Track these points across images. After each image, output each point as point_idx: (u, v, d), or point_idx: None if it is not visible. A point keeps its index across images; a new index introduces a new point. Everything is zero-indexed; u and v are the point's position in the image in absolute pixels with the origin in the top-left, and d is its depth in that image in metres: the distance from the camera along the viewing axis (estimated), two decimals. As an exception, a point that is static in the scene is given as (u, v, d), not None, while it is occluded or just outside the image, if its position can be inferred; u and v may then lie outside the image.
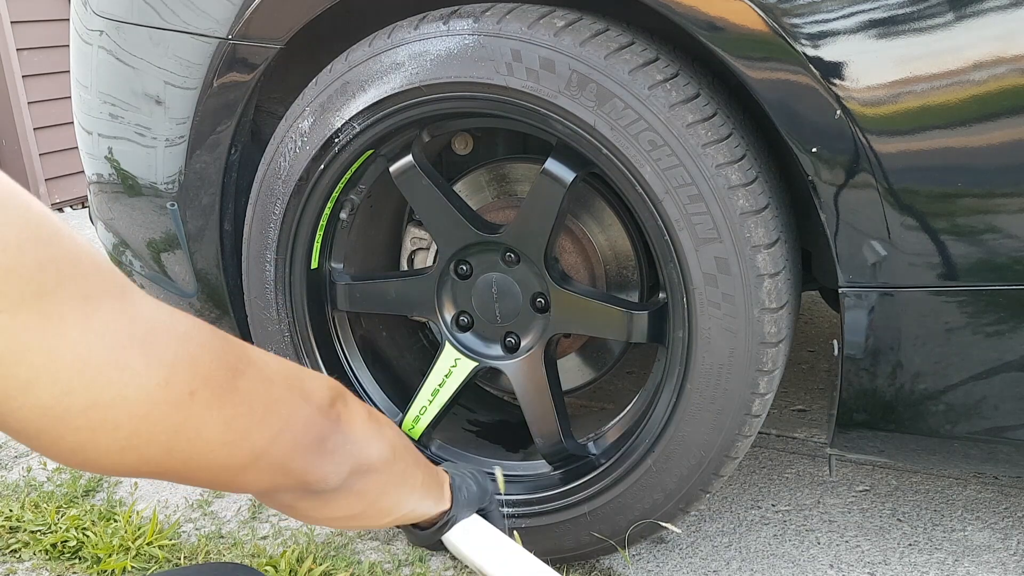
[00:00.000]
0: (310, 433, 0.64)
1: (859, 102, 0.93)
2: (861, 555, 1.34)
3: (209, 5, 1.26)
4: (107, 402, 0.48)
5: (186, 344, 0.53)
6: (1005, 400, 1.03)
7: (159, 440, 0.52)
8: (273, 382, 0.61)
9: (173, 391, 0.51)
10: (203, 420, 0.54)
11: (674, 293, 1.09)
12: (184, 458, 0.55)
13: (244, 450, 0.58)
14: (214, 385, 0.54)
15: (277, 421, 0.60)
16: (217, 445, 0.56)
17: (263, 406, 0.59)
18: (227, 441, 0.56)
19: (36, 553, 1.41)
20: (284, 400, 0.62)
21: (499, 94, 1.09)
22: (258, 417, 0.59)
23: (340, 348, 1.41)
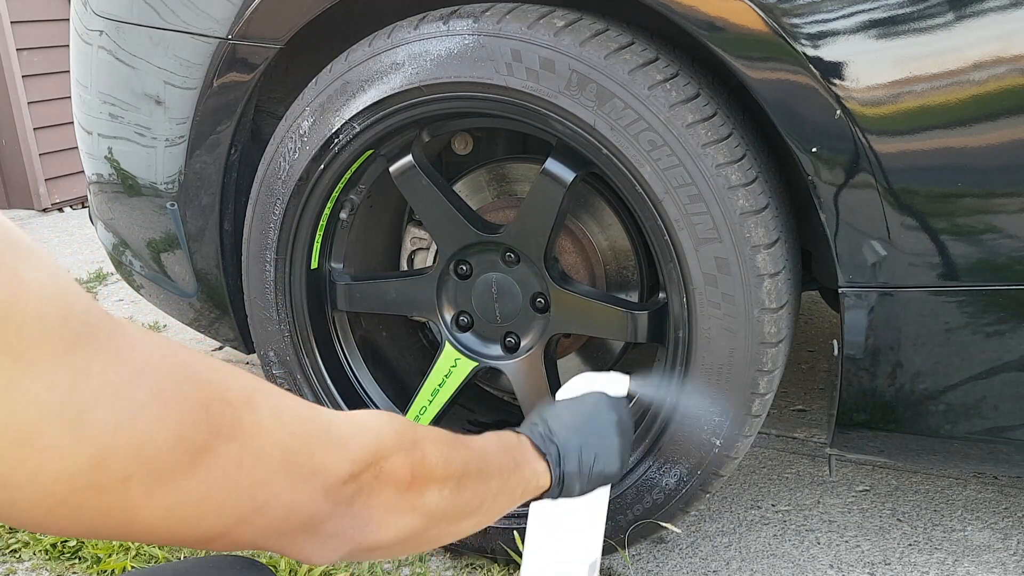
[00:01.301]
0: (295, 518, 0.55)
1: (859, 102, 0.93)
2: (861, 555, 1.34)
3: (209, 5, 1.26)
4: (16, 484, 0.41)
5: (138, 419, 0.44)
6: (1005, 400, 1.03)
7: (82, 520, 0.45)
8: (262, 458, 0.52)
9: (102, 476, 0.43)
10: (137, 507, 0.46)
11: (674, 293, 1.09)
12: (118, 535, 0.48)
13: (191, 536, 0.50)
14: (160, 470, 0.45)
15: (247, 505, 0.51)
16: (157, 529, 0.48)
17: (230, 490, 0.50)
18: (168, 527, 0.48)
19: (36, 553, 1.41)
20: (267, 483, 0.52)
21: (499, 94, 1.09)
22: (217, 504, 0.50)
23: (340, 348, 1.41)
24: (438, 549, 1.39)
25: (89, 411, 0.42)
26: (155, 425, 0.45)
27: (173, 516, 0.47)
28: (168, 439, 0.45)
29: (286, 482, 0.53)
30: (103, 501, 0.44)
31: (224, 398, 0.50)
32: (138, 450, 0.44)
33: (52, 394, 0.40)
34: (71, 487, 0.42)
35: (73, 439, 0.41)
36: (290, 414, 0.54)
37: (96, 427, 0.42)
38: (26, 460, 0.40)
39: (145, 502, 0.45)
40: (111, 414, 0.43)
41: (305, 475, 0.54)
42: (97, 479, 0.43)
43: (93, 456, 0.42)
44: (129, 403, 0.44)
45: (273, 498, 0.52)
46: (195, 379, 0.49)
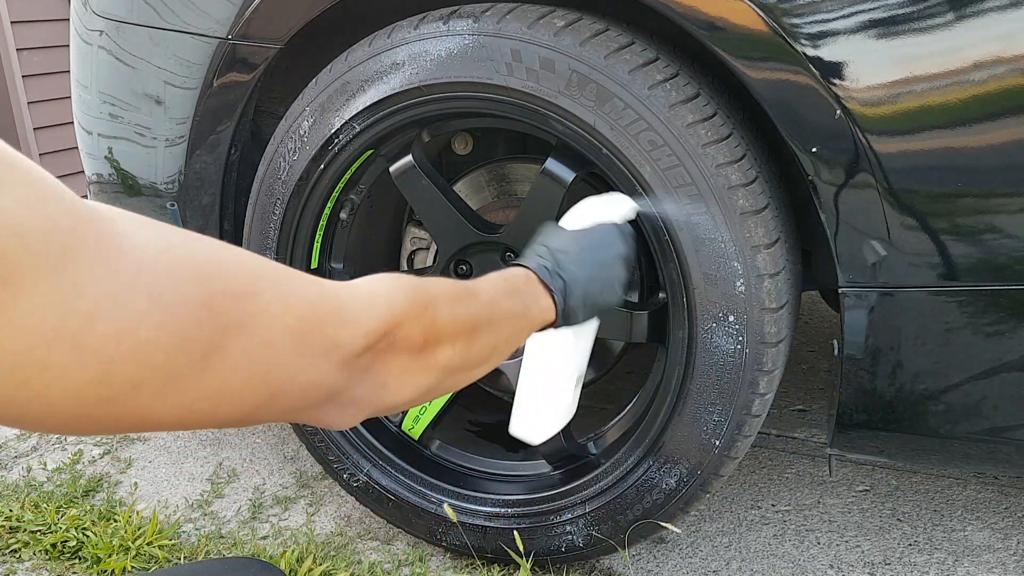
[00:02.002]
0: (313, 395, 0.56)
1: (859, 102, 0.93)
2: (861, 555, 1.34)
3: (209, 5, 1.26)
4: (23, 400, 0.41)
5: (140, 327, 0.43)
6: (1005, 400, 1.03)
7: (94, 428, 0.45)
8: (273, 346, 0.51)
9: (110, 389, 0.43)
10: (151, 411, 0.46)
11: (674, 293, 1.09)
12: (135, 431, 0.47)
13: (210, 425, 0.51)
14: (169, 375, 0.45)
15: (263, 392, 0.52)
16: (174, 425, 0.48)
17: (244, 381, 0.50)
18: (185, 422, 0.48)
19: (36, 553, 1.41)
20: (281, 368, 0.52)
21: (499, 94, 1.09)
22: (233, 395, 0.50)
23: (340, 348, 1.41)
24: (438, 550, 1.39)
25: (87, 326, 0.41)
26: (158, 331, 0.44)
27: (189, 413, 0.47)
28: (173, 343, 0.44)
29: (300, 364, 0.53)
30: (114, 411, 0.44)
31: (227, 291, 0.49)
32: (144, 359, 0.43)
33: (47, 313, 0.40)
34: (79, 402, 0.42)
35: (75, 356, 0.41)
36: (297, 297, 0.54)
37: (97, 341, 0.41)
38: (30, 380, 0.40)
39: (158, 405, 0.45)
40: (111, 326, 0.42)
41: (319, 354, 0.54)
42: (105, 392, 0.42)
43: (98, 370, 0.42)
44: (128, 312, 0.42)
45: (289, 381, 0.53)
46: (195, 275, 0.47)
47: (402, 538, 1.43)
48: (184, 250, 0.48)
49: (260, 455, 1.73)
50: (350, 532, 1.46)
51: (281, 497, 1.57)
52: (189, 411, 0.47)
